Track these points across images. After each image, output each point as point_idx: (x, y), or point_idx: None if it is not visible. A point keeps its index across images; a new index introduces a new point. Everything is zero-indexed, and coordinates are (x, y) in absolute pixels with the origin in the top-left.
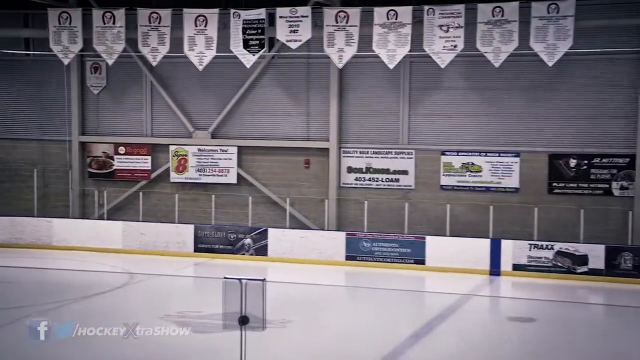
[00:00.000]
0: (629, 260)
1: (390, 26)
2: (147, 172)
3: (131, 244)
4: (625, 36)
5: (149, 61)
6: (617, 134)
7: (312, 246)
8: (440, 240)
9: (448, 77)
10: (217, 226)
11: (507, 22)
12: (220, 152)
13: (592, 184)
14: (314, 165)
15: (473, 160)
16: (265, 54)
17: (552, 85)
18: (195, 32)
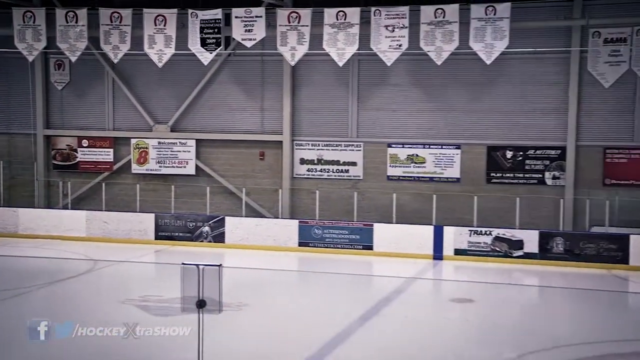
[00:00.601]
0: (561, 244)
1: (339, 26)
2: (109, 164)
3: (95, 232)
4: (555, 37)
5: (110, 58)
6: (549, 128)
7: (266, 233)
8: (387, 227)
9: (394, 74)
10: (176, 215)
11: (448, 23)
12: (180, 144)
13: (526, 174)
14: (268, 157)
15: (417, 152)
16: (221, 52)
17: (490, 82)
18: (155, 31)
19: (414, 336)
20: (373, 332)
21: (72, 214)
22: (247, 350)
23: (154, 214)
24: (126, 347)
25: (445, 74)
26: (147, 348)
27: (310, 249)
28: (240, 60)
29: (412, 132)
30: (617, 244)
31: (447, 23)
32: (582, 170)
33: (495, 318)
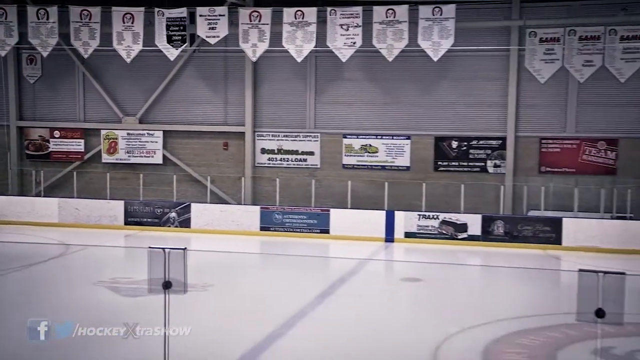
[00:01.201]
0: (501, 227)
1: (297, 25)
2: (80, 154)
3: (66, 219)
4: (496, 36)
5: (81, 54)
6: (490, 120)
7: (230, 219)
8: (343, 212)
9: (348, 70)
10: (145, 202)
11: (398, 23)
12: (147, 135)
13: (470, 163)
14: (231, 147)
15: (370, 142)
16: (187, 48)
17: (437, 77)
18: (123, 28)
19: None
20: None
21: (45, 201)
22: (211, 328)
23: (123, 201)
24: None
25: (396, 69)
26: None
27: (272, 233)
28: (204, 56)
29: (365, 123)
30: (551, 226)
31: (397, 22)
32: (521, 158)
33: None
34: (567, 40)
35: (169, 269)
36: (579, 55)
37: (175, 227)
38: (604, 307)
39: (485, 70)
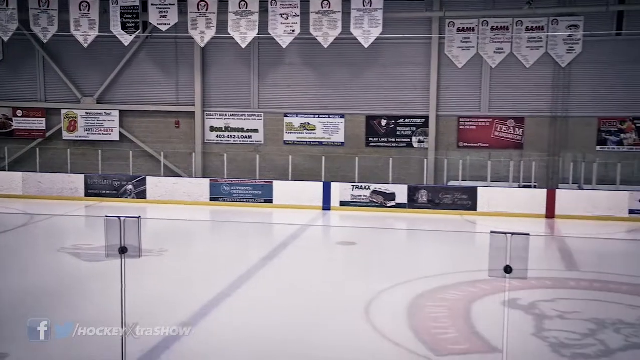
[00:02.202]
0: (425, 195)
1: (242, 14)
2: (42, 132)
3: (30, 191)
4: (419, 26)
5: (40, 39)
6: (415, 100)
7: (182, 190)
8: (284, 184)
9: (289, 55)
10: (103, 175)
11: (333, 13)
12: (105, 115)
13: (397, 139)
14: (183, 125)
15: (309, 121)
16: (140, 34)
17: (368, 62)
18: (80, 16)
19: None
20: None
21: (9, 175)
22: (166, 288)
23: (83, 175)
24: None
25: (331, 55)
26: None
27: (220, 203)
28: (157, 42)
29: (304, 104)
30: (468, 195)
31: (332, 12)
32: (441, 135)
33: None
34: (481, 30)
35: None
36: (491, 43)
37: (132, 199)
38: (511, 264)
39: (410, 56)
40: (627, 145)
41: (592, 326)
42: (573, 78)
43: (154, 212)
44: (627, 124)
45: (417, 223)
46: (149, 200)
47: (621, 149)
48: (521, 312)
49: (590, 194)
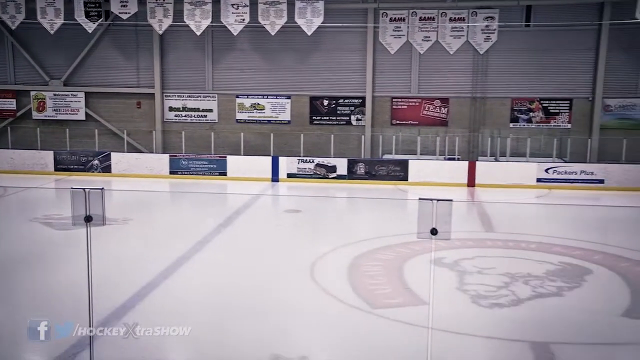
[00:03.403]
0: (362, 168)
1: (196, 4)
2: (13, 112)
3: (3, 166)
4: (357, 16)
5: (9, 26)
6: (354, 82)
7: (144, 165)
8: (237, 159)
9: (240, 42)
10: (71, 151)
11: (279, 3)
12: (72, 96)
13: (338, 117)
14: (144, 106)
15: (258, 101)
16: (103, 22)
17: (311, 48)
18: (46, 4)
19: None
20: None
21: None
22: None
23: (52, 151)
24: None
25: (278, 41)
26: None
27: (179, 176)
28: (119, 29)
29: (254, 86)
30: (400, 167)
31: (278, 3)
32: (377, 114)
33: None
34: (411, 20)
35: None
36: (419, 32)
37: (98, 172)
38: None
39: (348, 43)
40: (535, 122)
41: (506, 279)
42: (490, 63)
43: (118, 184)
44: (535, 103)
45: (356, 192)
46: (113, 173)
47: (530, 125)
48: (446, 269)
49: (504, 165)
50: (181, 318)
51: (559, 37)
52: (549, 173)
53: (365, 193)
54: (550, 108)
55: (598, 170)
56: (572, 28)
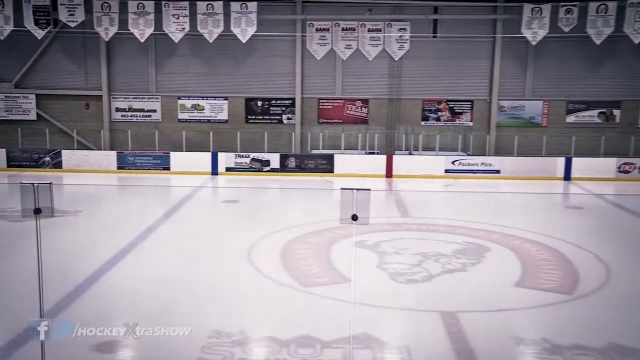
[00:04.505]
0: (293, 162)
1: (139, 14)
2: None
3: None
4: (286, 25)
5: None
6: (284, 85)
7: (93, 161)
8: (179, 154)
9: (181, 48)
10: (23, 149)
11: (216, 14)
12: (23, 97)
13: (271, 116)
14: (92, 107)
15: (199, 102)
16: (52, 29)
17: (246, 54)
18: None
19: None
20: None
21: None
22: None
23: (5, 149)
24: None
25: (216, 48)
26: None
27: (126, 171)
28: (67, 36)
29: (194, 88)
30: (327, 160)
31: (215, 14)
32: (305, 113)
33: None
34: (334, 30)
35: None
36: (342, 40)
37: (49, 168)
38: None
39: (279, 49)
40: (442, 120)
41: (420, 258)
42: (403, 69)
43: (69, 179)
44: (442, 104)
45: (288, 183)
46: (64, 169)
47: (438, 123)
48: (368, 250)
49: (417, 158)
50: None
51: (462, 47)
52: (455, 165)
53: (296, 184)
54: (455, 108)
55: (495, 162)
56: (472, 40)
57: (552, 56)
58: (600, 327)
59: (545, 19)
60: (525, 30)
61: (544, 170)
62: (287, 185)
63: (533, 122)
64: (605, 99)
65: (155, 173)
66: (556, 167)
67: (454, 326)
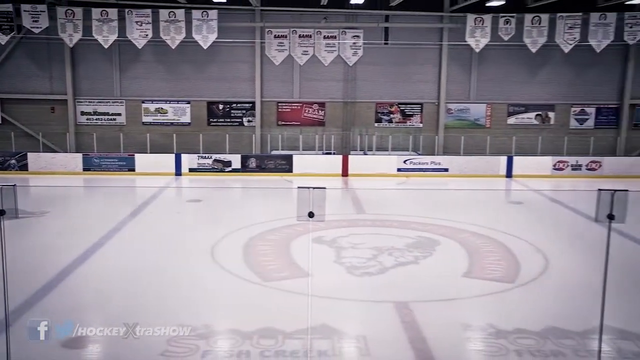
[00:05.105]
0: (254, 162)
1: (103, 20)
2: None
3: None
4: (246, 33)
5: None
6: (245, 89)
7: (59, 163)
8: (144, 156)
9: (144, 54)
10: None
11: (178, 21)
12: None
13: (232, 119)
14: (58, 110)
15: (162, 106)
16: (16, 35)
17: (207, 60)
18: None
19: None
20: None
21: None
22: (48, 242)
23: None
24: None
25: (179, 54)
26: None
27: (92, 172)
28: (32, 42)
29: (158, 92)
30: (286, 161)
31: (177, 21)
32: (265, 116)
33: (215, 210)
34: (292, 37)
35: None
36: (299, 47)
37: (15, 171)
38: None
39: (239, 55)
40: (394, 122)
41: (374, 252)
42: (357, 74)
43: (35, 181)
44: (394, 107)
45: (249, 183)
46: (30, 172)
47: (391, 125)
48: (325, 245)
49: (371, 157)
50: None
51: (411, 54)
52: (407, 164)
53: (256, 184)
54: (406, 111)
55: (444, 161)
56: (420, 47)
57: (493, 62)
58: (540, 312)
59: (487, 29)
60: (469, 38)
61: (488, 168)
62: (248, 184)
63: (477, 123)
64: (542, 102)
65: (121, 174)
66: (499, 166)
67: (408, 316)
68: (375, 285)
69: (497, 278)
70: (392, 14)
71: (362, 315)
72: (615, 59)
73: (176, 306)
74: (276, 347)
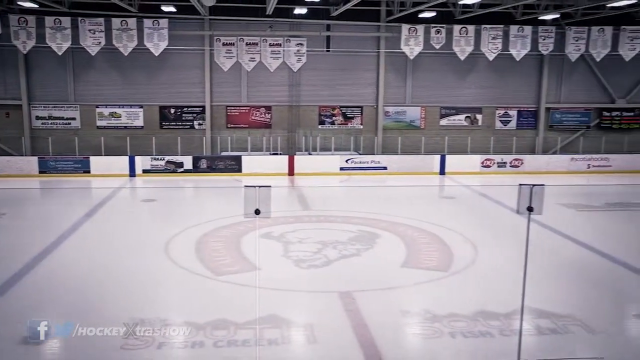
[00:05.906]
0: (205, 163)
1: (57, 28)
2: None
3: None
4: (196, 40)
5: None
6: (195, 94)
7: (16, 166)
8: (99, 158)
9: (98, 61)
10: None
11: (130, 30)
12: None
13: (184, 122)
14: (13, 116)
15: (115, 110)
16: None
17: (159, 66)
18: None
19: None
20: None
21: None
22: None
23: None
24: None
25: (132, 61)
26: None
27: (48, 174)
28: None
29: (112, 97)
30: (235, 161)
31: (129, 30)
32: (215, 119)
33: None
34: (239, 44)
35: None
36: (246, 54)
37: None
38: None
39: (190, 62)
40: (336, 124)
41: (320, 246)
42: (302, 79)
43: None
44: (336, 110)
45: (200, 183)
46: None
47: (333, 127)
48: (274, 240)
49: (315, 157)
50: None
51: (352, 60)
52: (349, 163)
53: (207, 183)
54: (347, 113)
55: (383, 160)
56: (360, 54)
57: (426, 69)
58: (471, 298)
59: (420, 37)
60: (404, 46)
61: (423, 166)
62: (200, 184)
63: (413, 125)
64: (470, 105)
65: (76, 176)
66: (433, 164)
67: (351, 304)
68: (320, 277)
69: (432, 267)
70: (334, 23)
71: (309, 305)
72: (533, 67)
73: (132, 301)
74: (228, 337)
